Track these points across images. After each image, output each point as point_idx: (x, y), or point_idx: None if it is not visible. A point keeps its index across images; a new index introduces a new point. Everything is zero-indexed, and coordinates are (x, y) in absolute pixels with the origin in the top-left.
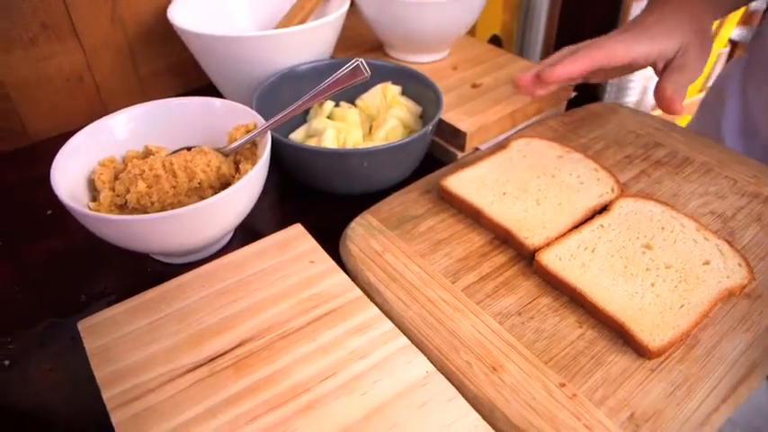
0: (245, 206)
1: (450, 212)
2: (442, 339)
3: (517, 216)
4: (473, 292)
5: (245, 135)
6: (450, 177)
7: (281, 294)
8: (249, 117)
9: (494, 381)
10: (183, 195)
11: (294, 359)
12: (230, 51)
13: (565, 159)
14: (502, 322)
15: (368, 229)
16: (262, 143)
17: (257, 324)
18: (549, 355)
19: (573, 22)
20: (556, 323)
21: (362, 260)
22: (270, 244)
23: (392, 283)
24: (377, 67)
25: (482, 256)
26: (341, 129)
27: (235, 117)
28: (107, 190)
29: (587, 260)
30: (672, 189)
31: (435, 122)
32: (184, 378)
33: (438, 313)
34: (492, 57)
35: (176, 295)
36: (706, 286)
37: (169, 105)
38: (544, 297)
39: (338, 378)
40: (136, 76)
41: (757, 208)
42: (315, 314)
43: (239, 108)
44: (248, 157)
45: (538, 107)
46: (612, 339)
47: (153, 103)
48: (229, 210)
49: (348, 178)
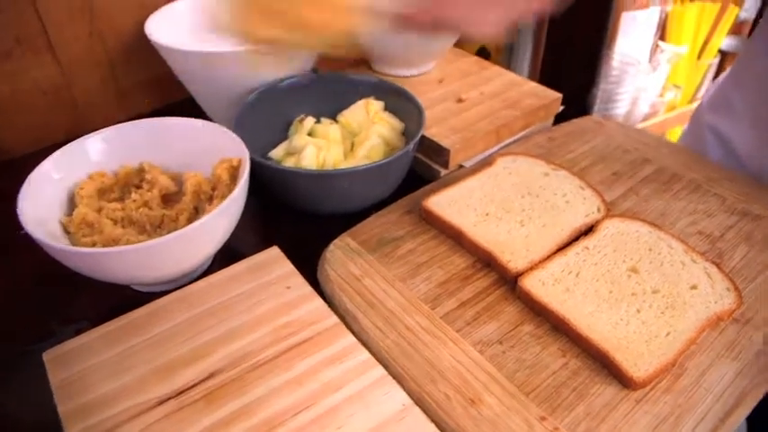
0: (223, 234)
1: (432, 234)
2: (419, 370)
3: (500, 238)
4: (453, 319)
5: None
6: (432, 197)
7: (255, 322)
8: (230, 141)
9: (472, 414)
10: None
11: (267, 391)
12: (208, 67)
13: (551, 177)
14: (482, 351)
15: (346, 251)
16: (241, 168)
17: (230, 353)
18: (531, 386)
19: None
20: (538, 352)
21: (340, 285)
22: (245, 268)
23: (370, 309)
24: (359, 81)
25: (463, 280)
26: (321, 146)
27: (217, 140)
28: (83, 206)
29: (571, 285)
30: (660, 207)
31: (417, 141)
32: (152, 412)
33: (416, 342)
34: (479, 70)
35: (148, 323)
36: (693, 312)
37: (149, 125)
38: (527, 324)
39: (312, 411)
40: (116, 89)
41: (746, 227)
42: (289, 343)
43: (221, 132)
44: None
45: (524, 122)
46: (597, 369)
47: (131, 123)
48: (205, 240)
49: (328, 198)
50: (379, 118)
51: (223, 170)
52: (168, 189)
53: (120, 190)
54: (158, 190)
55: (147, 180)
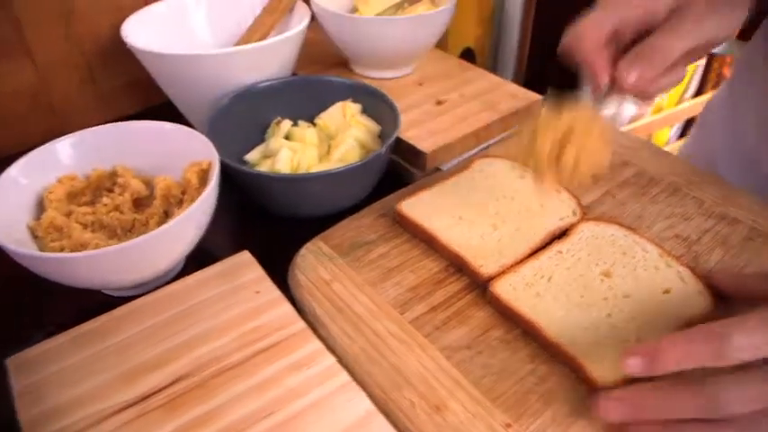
0: (192, 238)
1: (405, 238)
2: (385, 376)
3: (472, 242)
4: (422, 324)
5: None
6: (406, 201)
7: (222, 327)
8: (201, 144)
9: (436, 422)
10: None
11: (229, 398)
12: (185, 70)
13: (527, 180)
14: (449, 357)
15: (318, 256)
16: (210, 171)
17: (195, 359)
18: (497, 392)
19: (546, 35)
20: (506, 357)
21: (309, 290)
22: (215, 273)
23: (338, 314)
24: (336, 84)
25: (435, 284)
26: (296, 149)
27: (187, 143)
28: (52, 210)
29: (542, 289)
30: (636, 211)
31: (390, 144)
32: (114, 419)
33: (383, 348)
34: (460, 72)
35: (115, 328)
36: (665, 317)
37: (119, 129)
38: (496, 329)
39: (274, 418)
40: (95, 93)
41: (723, 231)
42: (255, 348)
43: (191, 135)
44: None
45: (505, 124)
46: (565, 374)
47: (101, 127)
48: (172, 244)
49: (302, 202)
50: (356, 121)
51: (192, 174)
52: (140, 193)
53: (91, 194)
54: (130, 194)
55: (119, 184)
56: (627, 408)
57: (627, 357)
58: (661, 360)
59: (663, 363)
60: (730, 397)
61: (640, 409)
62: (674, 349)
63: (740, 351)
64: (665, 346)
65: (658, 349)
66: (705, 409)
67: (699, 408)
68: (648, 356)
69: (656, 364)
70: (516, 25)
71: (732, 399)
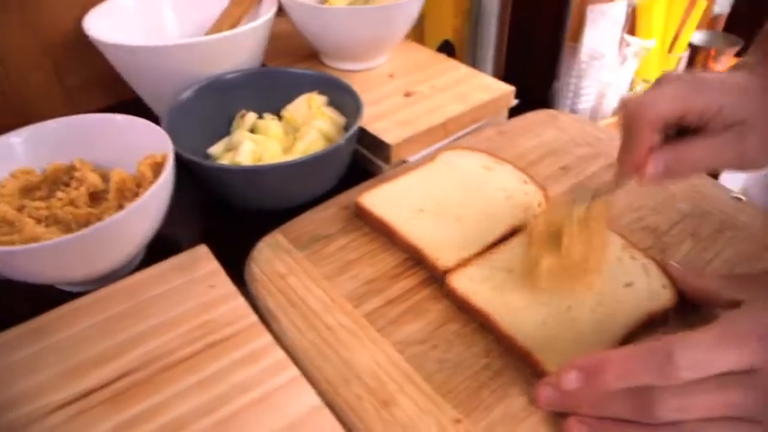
0: (144, 231)
1: (365, 231)
2: (334, 370)
3: (432, 235)
4: (376, 318)
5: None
6: (367, 193)
7: (173, 321)
8: (158, 136)
9: (383, 417)
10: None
11: (174, 393)
12: (148, 62)
13: (494, 171)
14: (402, 351)
15: (275, 249)
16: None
17: (142, 354)
18: (449, 387)
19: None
20: (461, 352)
21: (264, 284)
22: (170, 267)
23: (291, 308)
24: (301, 76)
25: (392, 278)
26: (260, 142)
27: (144, 136)
28: (4, 203)
29: (501, 282)
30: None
31: (351, 135)
32: (57, 414)
33: (334, 342)
34: (433, 64)
35: (64, 323)
36: (625, 310)
37: (73, 123)
38: (453, 323)
39: (218, 414)
40: (61, 87)
41: (693, 223)
42: (204, 343)
43: (148, 127)
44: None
45: (474, 116)
46: (520, 369)
47: (55, 120)
48: (123, 237)
49: (260, 194)
50: (321, 113)
51: (146, 166)
52: (97, 187)
53: (48, 188)
54: (86, 188)
55: (76, 178)
56: (561, 398)
57: (564, 372)
58: (599, 377)
59: (601, 380)
60: (666, 404)
61: (574, 401)
62: (613, 366)
63: (683, 370)
64: (604, 364)
65: (597, 366)
66: (638, 411)
67: (633, 409)
68: (586, 373)
69: (594, 380)
70: (494, 17)
71: (667, 406)
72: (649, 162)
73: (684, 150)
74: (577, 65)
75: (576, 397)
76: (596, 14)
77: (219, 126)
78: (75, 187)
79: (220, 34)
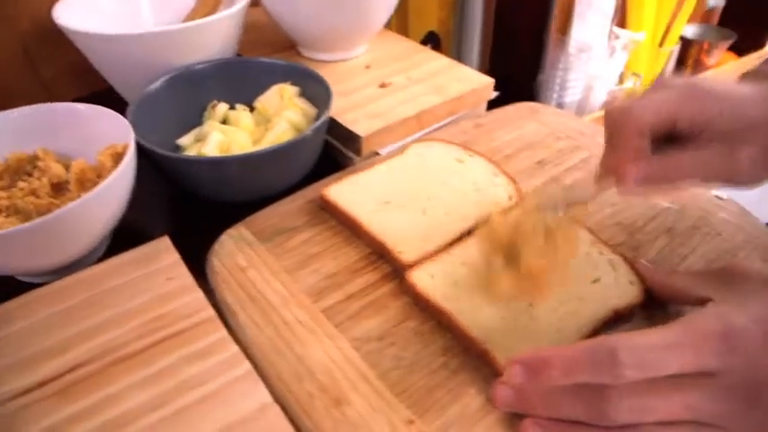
0: (104, 221)
1: (330, 224)
2: (288, 367)
3: (397, 228)
4: (334, 314)
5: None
6: (333, 186)
7: (128, 314)
8: (120, 126)
9: (334, 416)
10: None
11: (126, 386)
12: (119, 52)
13: (465, 164)
14: (358, 348)
15: (238, 242)
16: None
17: (96, 346)
18: (403, 386)
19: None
20: (418, 350)
21: (224, 277)
22: (130, 259)
23: (249, 302)
24: (273, 66)
25: (354, 272)
26: (228, 133)
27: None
28: None
29: (461, 278)
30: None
31: (318, 126)
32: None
33: (290, 337)
34: (411, 54)
35: (20, 314)
36: (590, 307)
37: (36, 112)
38: (412, 320)
39: (166, 409)
40: (36, 77)
41: (670, 218)
42: (158, 336)
43: (110, 117)
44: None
45: (450, 108)
46: (478, 369)
47: (17, 110)
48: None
49: (224, 186)
50: (292, 103)
51: (107, 156)
52: (60, 177)
53: (9, 178)
54: (48, 178)
55: (39, 168)
56: (516, 397)
57: (509, 365)
58: (544, 372)
59: (546, 375)
60: (618, 405)
61: (529, 402)
62: (557, 362)
63: (626, 369)
64: (550, 359)
65: (542, 361)
66: (592, 412)
67: (587, 410)
68: (531, 368)
69: (539, 376)
70: (479, 8)
71: (620, 406)
72: (630, 171)
73: (669, 160)
74: (565, 57)
75: (530, 397)
76: (584, 6)
77: (192, 117)
78: (37, 177)
79: (190, 23)
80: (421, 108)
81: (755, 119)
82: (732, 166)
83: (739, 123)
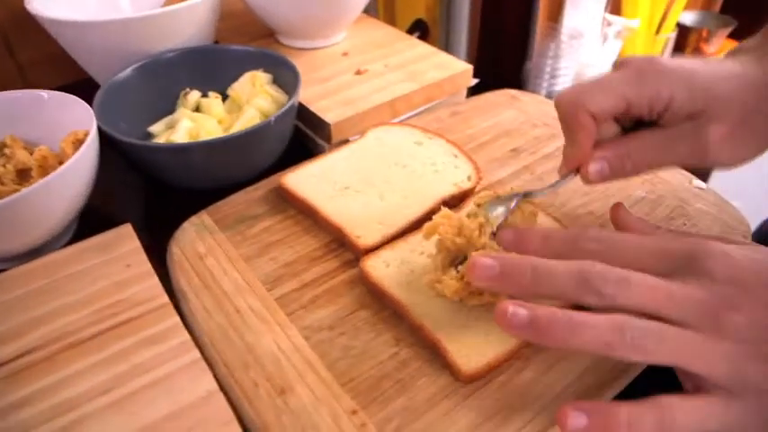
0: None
1: (291, 213)
2: (235, 355)
3: (354, 213)
4: (288, 302)
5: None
6: (292, 173)
7: (83, 300)
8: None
9: (277, 405)
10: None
11: (73, 372)
12: (93, 39)
13: (424, 146)
14: (308, 337)
15: (199, 229)
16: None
17: (48, 333)
18: (350, 376)
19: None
20: (369, 340)
21: (181, 264)
22: (90, 246)
23: (204, 290)
24: (243, 52)
25: (312, 260)
26: (198, 120)
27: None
28: None
29: (418, 266)
30: None
31: (282, 113)
32: None
33: (241, 325)
34: (392, 41)
35: None
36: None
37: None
38: (365, 310)
39: (111, 395)
40: (13, 64)
41: (644, 209)
42: (111, 323)
43: (71, 101)
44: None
45: (426, 96)
46: (429, 360)
47: None
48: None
49: (188, 173)
50: (263, 90)
51: (68, 144)
52: (25, 164)
53: None
54: (13, 165)
55: (6, 155)
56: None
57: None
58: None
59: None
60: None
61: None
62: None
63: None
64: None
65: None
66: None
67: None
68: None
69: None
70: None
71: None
72: (591, 159)
73: (631, 144)
74: (556, 45)
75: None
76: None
77: (167, 104)
78: (2, 164)
79: (164, 9)
80: (395, 95)
81: (725, 95)
82: (700, 145)
83: (708, 101)
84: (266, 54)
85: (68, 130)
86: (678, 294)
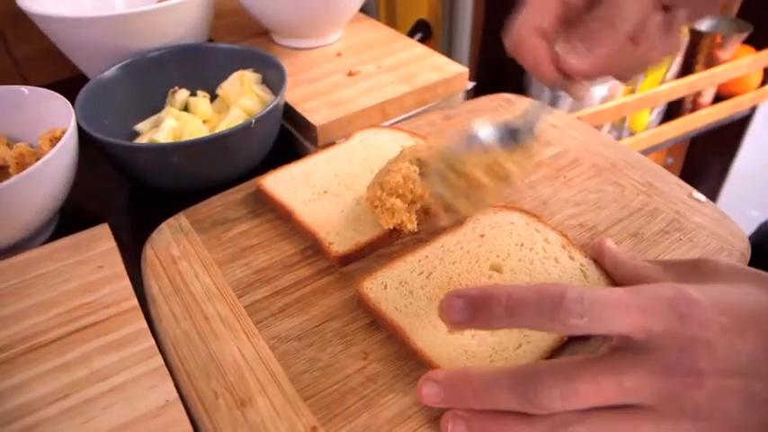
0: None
1: (269, 217)
2: (198, 363)
3: (330, 218)
4: (257, 310)
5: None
6: (271, 175)
7: (51, 302)
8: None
9: (235, 417)
10: None
11: (32, 376)
12: (81, 36)
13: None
14: (274, 347)
15: (175, 231)
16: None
17: (12, 334)
18: (313, 390)
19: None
20: (337, 352)
21: (154, 267)
22: (65, 245)
23: (173, 294)
24: (230, 51)
25: (286, 267)
26: (183, 119)
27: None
28: None
29: (417, 288)
30: (545, 196)
31: (264, 114)
32: None
33: (207, 332)
34: (387, 42)
35: None
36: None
37: None
38: (336, 320)
39: (68, 401)
40: (9, 58)
41: (637, 221)
42: (76, 326)
43: (51, 98)
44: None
45: (419, 98)
46: (397, 377)
47: None
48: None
49: (170, 175)
50: (249, 90)
51: (45, 141)
52: (5, 160)
53: None
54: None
55: None
56: (445, 388)
57: (422, 383)
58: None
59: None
60: (550, 392)
61: (457, 392)
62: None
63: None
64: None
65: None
66: (523, 402)
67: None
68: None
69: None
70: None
71: (552, 395)
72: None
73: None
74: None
75: (460, 387)
76: None
77: (157, 103)
78: None
79: (156, 5)
80: (385, 98)
81: None
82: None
83: None
84: (255, 53)
85: (47, 127)
86: (629, 385)
